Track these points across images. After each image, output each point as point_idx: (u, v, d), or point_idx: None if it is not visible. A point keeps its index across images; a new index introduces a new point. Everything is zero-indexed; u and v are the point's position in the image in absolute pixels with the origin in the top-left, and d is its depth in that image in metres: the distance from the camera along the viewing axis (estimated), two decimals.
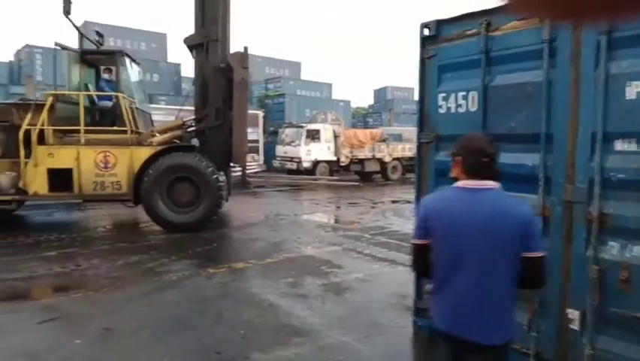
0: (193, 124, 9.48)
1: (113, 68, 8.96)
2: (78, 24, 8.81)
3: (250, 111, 19.15)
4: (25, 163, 7.78)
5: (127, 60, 9.10)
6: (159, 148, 8.38)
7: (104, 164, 8.00)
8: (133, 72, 9.44)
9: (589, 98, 2.94)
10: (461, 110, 3.74)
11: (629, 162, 2.78)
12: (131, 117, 8.34)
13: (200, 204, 8.33)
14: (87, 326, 4.13)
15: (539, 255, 1.89)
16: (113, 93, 8.61)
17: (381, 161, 19.15)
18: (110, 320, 4.28)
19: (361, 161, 18.72)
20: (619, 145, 2.85)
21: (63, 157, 7.89)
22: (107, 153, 8.03)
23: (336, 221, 10.49)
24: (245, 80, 8.60)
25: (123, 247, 7.12)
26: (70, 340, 3.83)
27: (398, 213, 10.79)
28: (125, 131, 8.23)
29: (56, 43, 8.52)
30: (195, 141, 9.26)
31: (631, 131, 2.79)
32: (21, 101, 8.73)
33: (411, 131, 24.20)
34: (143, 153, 8.24)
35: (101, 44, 9.87)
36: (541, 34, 3.16)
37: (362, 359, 3.56)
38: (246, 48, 8.57)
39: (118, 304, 4.70)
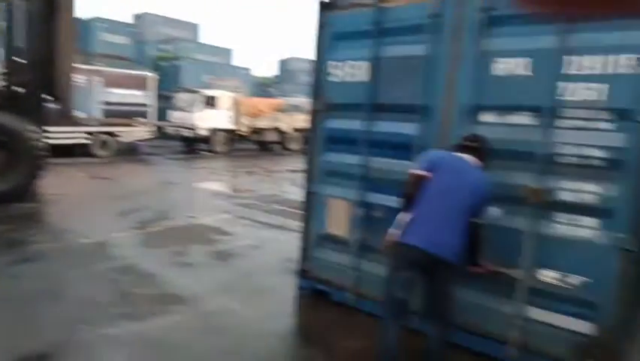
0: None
1: None
2: None
3: (140, 72, 17.79)
4: None
5: None
6: None
7: None
8: None
9: (464, 73, 3.14)
10: (353, 79, 3.78)
11: (491, 133, 3.04)
12: None
13: (14, 170, 7.02)
14: None
15: (480, 222, 2.70)
16: None
17: (280, 131, 19.09)
18: None
19: (261, 131, 18.48)
20: (484, 117, 3.11)
21: None
22: None
23: (231, 189, 10.28)
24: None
25: None
26: None
27: (295, 183, 10.87)
28: None
29: None
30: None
31: (494, 104, 3.05)
32: None
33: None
34: None
35: None
36: (427, 9, 3.28)
37: (244, 321, 3.55)
38: None
39: None
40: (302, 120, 19.73)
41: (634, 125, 2.57)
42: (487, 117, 3.09)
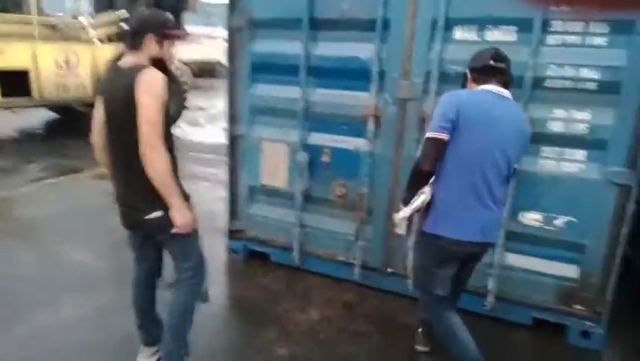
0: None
1: None
2: None
3: None
4: None
5: None
6: None
7: None
8: None
9: None
10: None
11: (469, 54, 2.51)
12: None
13: None
14: None
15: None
16: None
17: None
18: None
19: None
20: (459, 33, 2.55)
21: None
22: None
23: None
24: None
25: None
26: None
27: (193, 123, 9.70)
28: None
29: None
30: None
31: (470, 16, 2.50)
32: None
33: None
34: None
35: None
36: None
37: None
38: None
39: None
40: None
41: (633, 38, 2.21)
42: (463, 34, 2.53)
